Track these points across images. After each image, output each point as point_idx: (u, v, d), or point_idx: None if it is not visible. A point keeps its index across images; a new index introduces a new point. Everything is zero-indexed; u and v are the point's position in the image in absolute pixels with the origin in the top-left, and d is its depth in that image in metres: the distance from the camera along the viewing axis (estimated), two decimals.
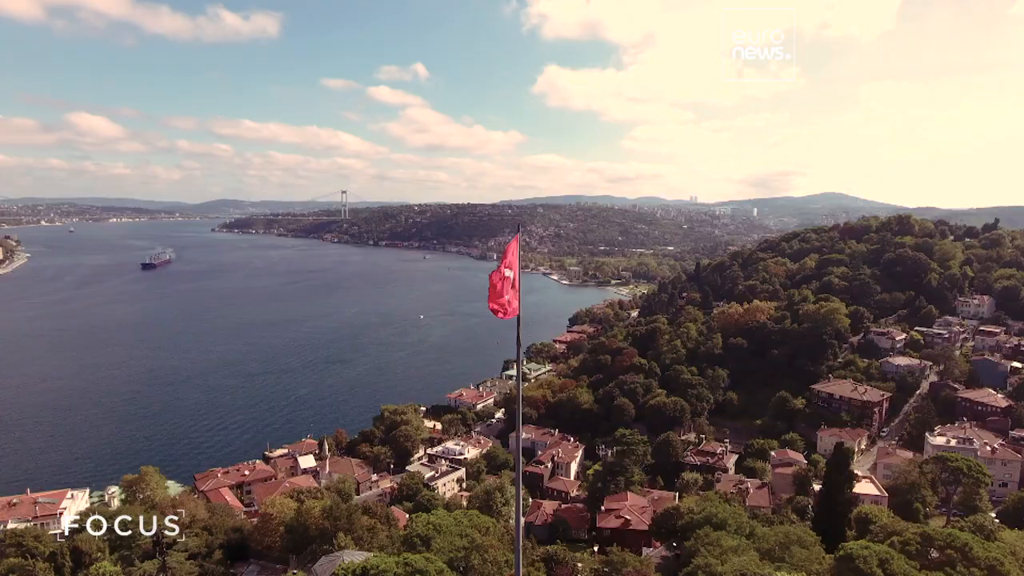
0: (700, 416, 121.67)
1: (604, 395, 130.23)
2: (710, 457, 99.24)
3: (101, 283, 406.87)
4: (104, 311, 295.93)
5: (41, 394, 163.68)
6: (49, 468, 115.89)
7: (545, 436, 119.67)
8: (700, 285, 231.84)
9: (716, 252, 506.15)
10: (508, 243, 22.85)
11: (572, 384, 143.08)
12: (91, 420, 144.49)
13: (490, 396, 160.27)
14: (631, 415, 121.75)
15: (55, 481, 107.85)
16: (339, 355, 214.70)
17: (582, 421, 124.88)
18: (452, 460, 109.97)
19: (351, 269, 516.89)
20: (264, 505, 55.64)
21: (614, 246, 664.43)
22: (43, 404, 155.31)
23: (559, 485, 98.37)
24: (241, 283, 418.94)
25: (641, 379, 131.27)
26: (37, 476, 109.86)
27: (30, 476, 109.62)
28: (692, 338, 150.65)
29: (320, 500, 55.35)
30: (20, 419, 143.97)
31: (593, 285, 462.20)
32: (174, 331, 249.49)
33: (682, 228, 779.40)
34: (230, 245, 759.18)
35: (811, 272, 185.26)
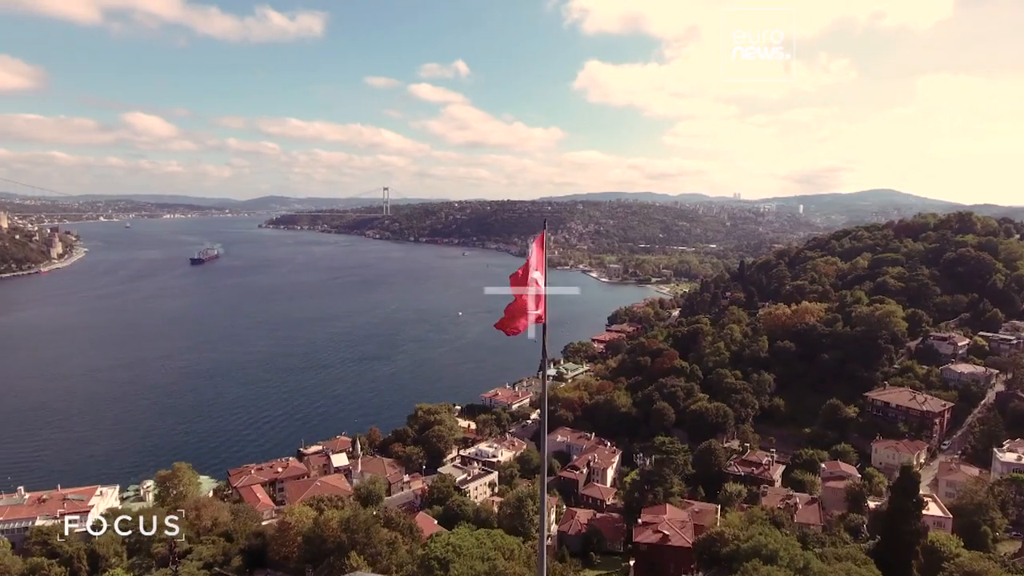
0: (744, 423, 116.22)
1: (643, 398, 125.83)
2: (755, 467, 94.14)
3: (151, 278, 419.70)
4: (152, 305, 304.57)
5: (86, 386, 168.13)
6: (91, 461, 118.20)
7: (581, 440, 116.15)
8: (744, 284, 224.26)
9: (760, 250, 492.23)
10: (534, 243, 20.25)
11: (610, 386, 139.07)
12: (133, 413, 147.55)
13: (526, 396, 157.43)
14: (671, 420, 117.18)
15: (97, 473, 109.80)
16: (376, 352, 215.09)
17: (619, 425, 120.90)
18: (485, 463, 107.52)
19: (391, 265, 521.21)
20: (283, 513, 54.19)
21: (655, 244, 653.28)
22: (88, 396, 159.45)
23: (594, 492, 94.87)
24: (284, 278, 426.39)
25: (682, 382, 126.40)
26: (80, 468, 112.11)
27: (73, 468, 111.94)
28: (736, 340, 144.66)
29: (340, 510, 53.51)
30: (67, 411, 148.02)
31: (633, 283, 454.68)
32: (217, 326, 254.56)
33: (725, 225, 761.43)
34: (275, 241, 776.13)
35: (864, 272, 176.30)
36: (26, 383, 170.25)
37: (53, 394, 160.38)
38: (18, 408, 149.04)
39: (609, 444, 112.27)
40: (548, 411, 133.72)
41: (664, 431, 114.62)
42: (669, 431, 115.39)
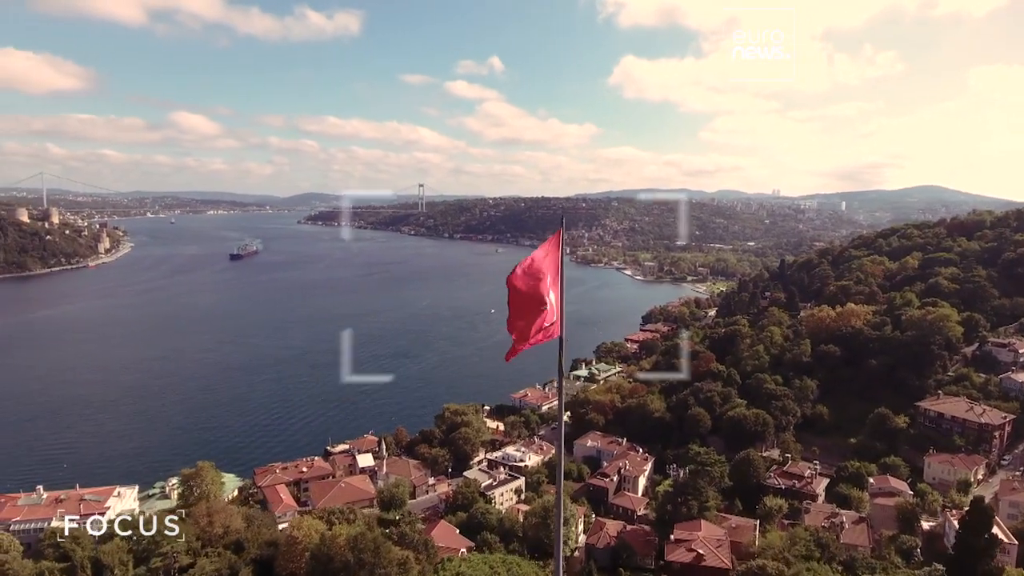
0: (785, 431, 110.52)
1: (677, 403, 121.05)
2: (797, 480, 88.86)
3: (192, 272, 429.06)
4: (191, 300, 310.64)
5: (123, 381, 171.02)
6: (121, 456, 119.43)
7: (612, 445, 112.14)
8: (785, 284, 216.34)
9: (801, 248, 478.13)
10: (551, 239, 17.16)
11: (643, 389, 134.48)
12: (166, 408, 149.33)
13: (556, 397, 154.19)
14: (707, 427, 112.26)
15: (127, 469, 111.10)
16: (407, 349, 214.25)
17: (652, 430, 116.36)
18: (512, 467, 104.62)
19: (425, 262, 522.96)
20: (291, 526, 52.31)
21: (691, 241, 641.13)
22: (124, 391, 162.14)
23: (624, 502, 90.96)
24: (320, 274, 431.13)
25: (719, 387, 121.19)
26: (111, 464, 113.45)
27: (104, 463, 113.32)
28: (777, 343, 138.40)
29: (351, 523, 51.26)
30: (102, 405, 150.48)
31: (668, 281, 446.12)
32: (252, 321, 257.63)
33: (763, 223, 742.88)
34: (313, 237, 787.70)
35: (914, 272, 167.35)
36: (66, 376, 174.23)
37: (90, 388, 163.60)
38: (55, 402, 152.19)
39: (641, 450, 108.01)
40: (578, 414, 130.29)
41: (699, 438, 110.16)
42: (704, 438, 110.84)
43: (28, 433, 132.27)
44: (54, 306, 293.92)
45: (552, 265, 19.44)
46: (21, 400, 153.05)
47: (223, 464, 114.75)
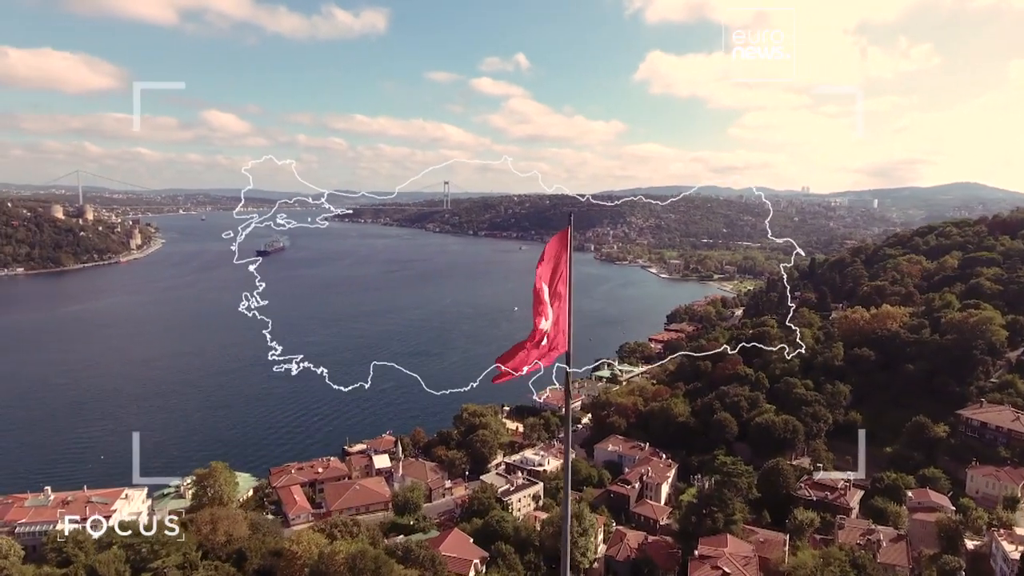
0: (816, 439, 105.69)
1: (702, 407, 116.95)
2: (829, 492, 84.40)
3: (219, 269, 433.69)
4: (216, 296, 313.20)
5: (144, 377, 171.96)
6: (141, 454, 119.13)
7: (634, 450, 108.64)
8: (816, 284, 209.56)
9: (831, 247, 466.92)
10: (554, 240, 14.69)
11: (667, 391, 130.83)
12: (184, 405, 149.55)
13: (577, 399, 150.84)
14: (733, 432, 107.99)
15: (143, 467, 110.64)
16: (428, 347, 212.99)
17: (676, 435, 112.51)
18: (530, 472, 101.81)
19: (449, 259, 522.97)
20: (290, 541, 50.30)
21: (718, 239, 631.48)
22: (144, 387, 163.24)
23: (646, 511, 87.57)
24: (345, 271, 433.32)
25: (746, 391, 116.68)
26: (127, 462, 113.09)
27: (122, 462, 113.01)
28: (807, 345, 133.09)
29: (352, 539, 49.00)
30: (121, 402, 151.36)
31: (694, 279, 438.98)
32: (275, 318, 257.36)
33: (793, 220, 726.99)
34: (340, 234, 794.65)
35: (954, 273, 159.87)
36: (89, 373, 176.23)
37: (112, 384, 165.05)
38: (76, 399, 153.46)
39: (664, 456, 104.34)
40: (599, 417, 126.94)
41: (725, 444, 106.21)
42: (730, 444, 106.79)
43: (47, 429, 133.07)
44: (84, 301, 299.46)
45: (554, 274, 16.74)
46: (43, 396, 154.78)
47: (240, 463, 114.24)
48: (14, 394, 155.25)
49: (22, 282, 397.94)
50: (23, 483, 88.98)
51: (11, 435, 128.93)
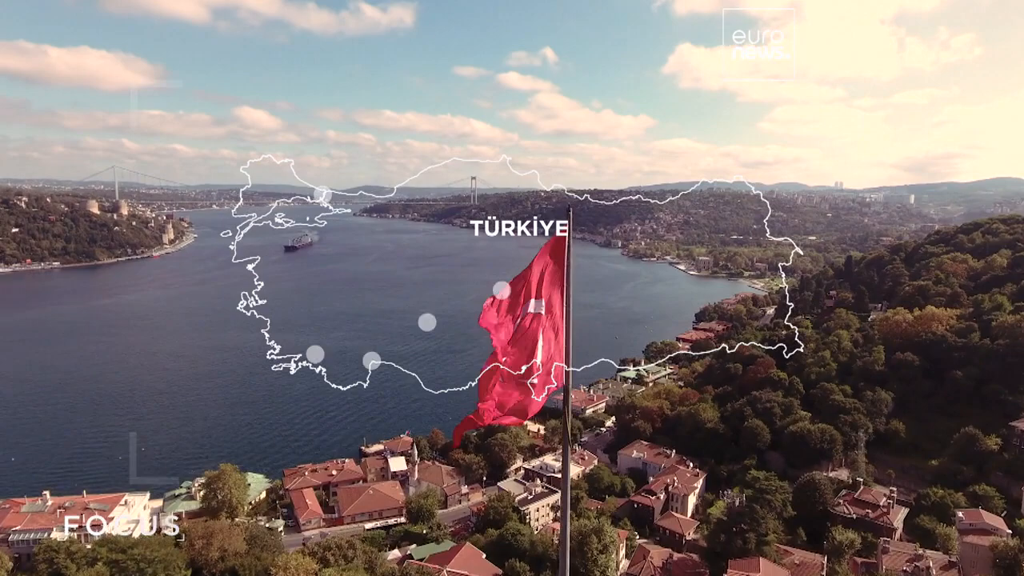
0: (855, 449, 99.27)
1: (732, 413, 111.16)
2: (870, 509, 78.42)
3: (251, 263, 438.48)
4: (241, 292, 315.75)
5: (165, 373, 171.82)
6: (152, 453, 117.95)
7: (659, 457, 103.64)
8: (852, 283, 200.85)
9: (866, 243, 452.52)
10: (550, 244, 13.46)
11: (695, 395, 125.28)
12: (201, 401, 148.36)
13: (601, 400, 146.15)
14: (765, 441, 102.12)
15: (160, 465, 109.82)
16: (450, 345, 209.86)
17: (704, 442, 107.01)
18: (550, 478, 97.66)
19: (474, 254, 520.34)
20: (276, 567, 47.05)
21: (748, 235, 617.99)
22: (165, 383, 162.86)
23: (672, 524, 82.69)
24: (370, 267, 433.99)
25: (779, 397, 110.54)
26: (140, 460, 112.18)
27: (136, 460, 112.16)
28: (845, 349, 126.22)
29: (347, 564, 45.53)
30: (139, 399, 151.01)
31: (724, 277, 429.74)
32: (299, 314, 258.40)
33: (826, 216, 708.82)
34: (368, 229, 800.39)
35: (1004, 272, 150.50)
36: (111, 367, 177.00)
37: (132, 379, 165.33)
38: (95, 396, 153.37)
39: (691, 465, 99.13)
40: (624, 420, 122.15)
41: (756, 453, 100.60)
42: (762, 454, 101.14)
43: (63, 427, 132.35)
44: (114, 295, 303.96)
45: (552, 281, 13.03)
46: (64, 392, 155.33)
47: (254, 463, 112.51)
48: (36, 389, 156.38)
49: (57, 275, 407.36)
50: (35, 484, 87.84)
51: (28, 433, 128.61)
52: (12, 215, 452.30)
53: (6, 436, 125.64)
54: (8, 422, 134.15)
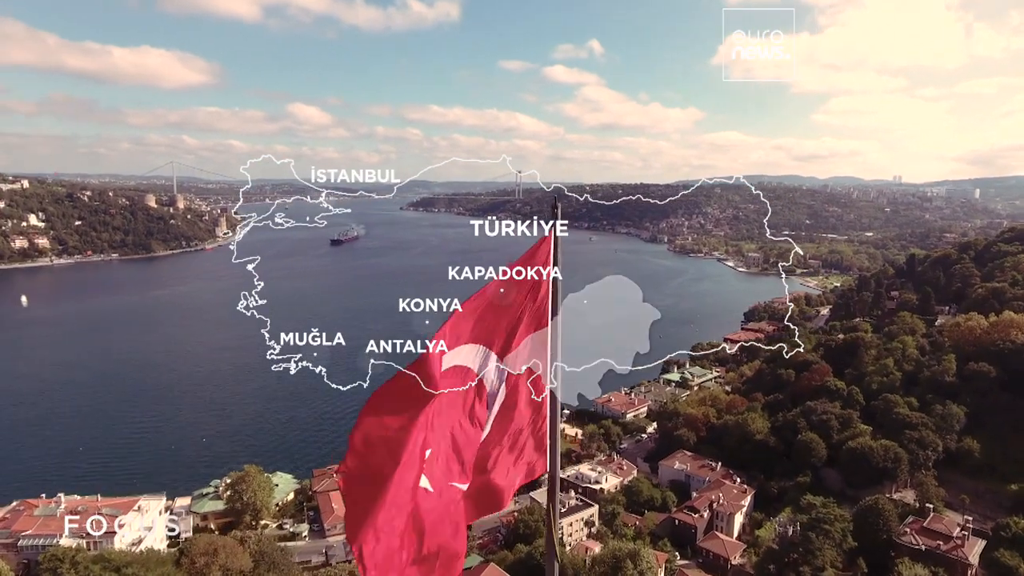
0: (922, 470, 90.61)
1: (784, 424, 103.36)
2: (941, 541, 70.51)
3: (293, 257, 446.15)
4: (286, 285, 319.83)
5: (206, 365, 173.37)
6: (188, 448, 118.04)
7: (703, 470, 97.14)
8: (916, 283, 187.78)
9: (928, 240, 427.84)
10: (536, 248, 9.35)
11: (743, 403, 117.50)
12: (238, 396, 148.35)
13: (643, 404, 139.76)
14: (820, 457, 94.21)
15: (194, 462, 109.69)
16: None
17: (753, 455, 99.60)
18: (585, 489, 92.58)
19: (517, 248, 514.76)
20: None
21: (800, 230, 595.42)
22: (204, 375, 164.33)
23: (716, 546, 76.60)
24: (413, 261, 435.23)
25: (837, 408, 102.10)
26: (175, 457, 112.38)
27: (167, 458, 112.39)
28: (910, 357, 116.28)
29: None
30: (181, 392, 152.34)
31: (774, 274, 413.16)
32: (339, 308, 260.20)
33: (883, 211, 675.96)
34: (413, 223, 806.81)
35: None
36: (158, 359, 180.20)
37: (175, 372, 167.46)
38: (137, 389, 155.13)
39: (739, 480, 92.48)
40: (666, 428, 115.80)
41: (811, 470, 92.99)
42: (817, 470, 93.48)
43: (96, 422, 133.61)
44: (164, 287, 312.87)
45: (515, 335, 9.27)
46: (103, 384, 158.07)
47: (285, 462, 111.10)
48: (81, 381, 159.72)
49: (116, 267, 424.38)
50: (61, 482, 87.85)
51: (63, 428, 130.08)
52: (76, 208, 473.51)
53: (39, 431, 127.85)
54: (44, 416, 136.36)
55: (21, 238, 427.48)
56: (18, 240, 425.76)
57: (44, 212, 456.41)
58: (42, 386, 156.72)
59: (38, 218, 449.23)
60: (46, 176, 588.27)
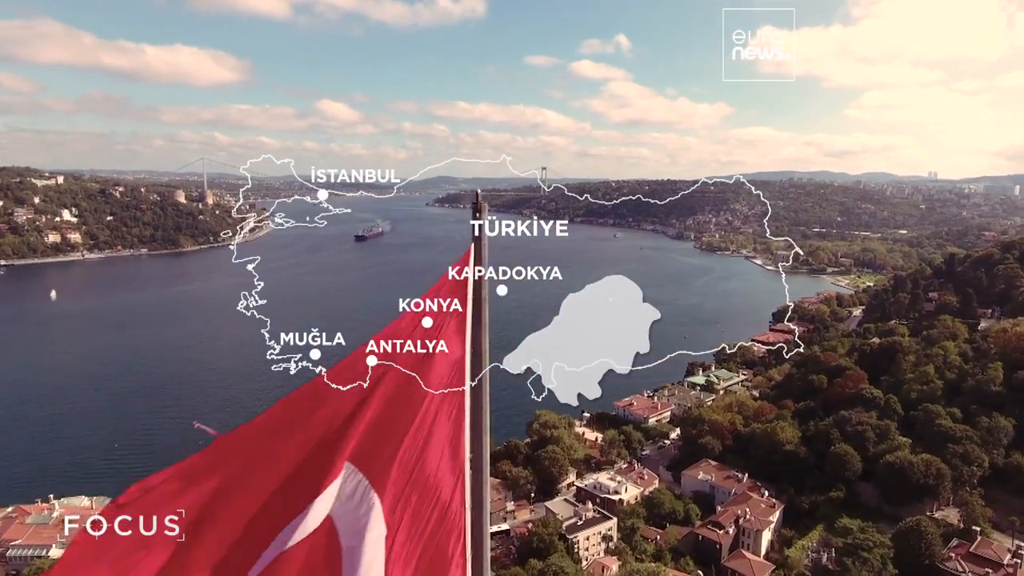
0: (968, 487, 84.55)
1: (816, 434, 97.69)
2: (991, 568, 65.01)
3: (317, 252, 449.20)
4: (308, 280, 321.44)
5: (222, 365, 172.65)
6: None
7: (729, 481, 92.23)
8: (956, 284, 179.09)
9: (966, 239, 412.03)
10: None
11: (771, 410, 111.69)
12: (243, 400, 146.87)
13: (666, 408, 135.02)
14: (855, 470, 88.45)
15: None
16: (507, 341, 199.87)
17: (782, 466, 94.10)
18: (604, 500, 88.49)
19: (540, 245, 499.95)
20: None
21: (831, 228, 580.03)
22: (218, 375, 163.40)
23: (742, 566, 71.96)
24: (436, 257, 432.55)
25: (873, 418, 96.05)
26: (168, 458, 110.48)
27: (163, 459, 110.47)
28: (953, 364, 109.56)
29: None
30: (194, 391, 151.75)
31: (804, 272, 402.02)
32: (356, 305, 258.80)
33: (918, 208, 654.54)
34: (438, 219, 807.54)
35: None
36: (181, 353, 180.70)
37: (191, 369, 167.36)
38: (152, 386, 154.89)
39: (767, 493, 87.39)
40: (690, 434, 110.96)
41: (844, 483, 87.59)
42: (852, 484, 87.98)
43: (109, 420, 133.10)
44: (190, 282, 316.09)
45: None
46: (122, 381, 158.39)
47: None
48: (93, 378, 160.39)
49: (144, 261, 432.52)
50: (65, 484, 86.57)
51: (78, 426, 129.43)
52: (108, 204, 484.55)
53: (54, 428, 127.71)
54: (59, 413, 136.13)
55: (54, 233, 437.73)
56: (51, 235, 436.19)
57: (77, 207, 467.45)
58: (63, 381, 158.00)
59: (71, 213, 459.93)
60: (83, 172, 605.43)
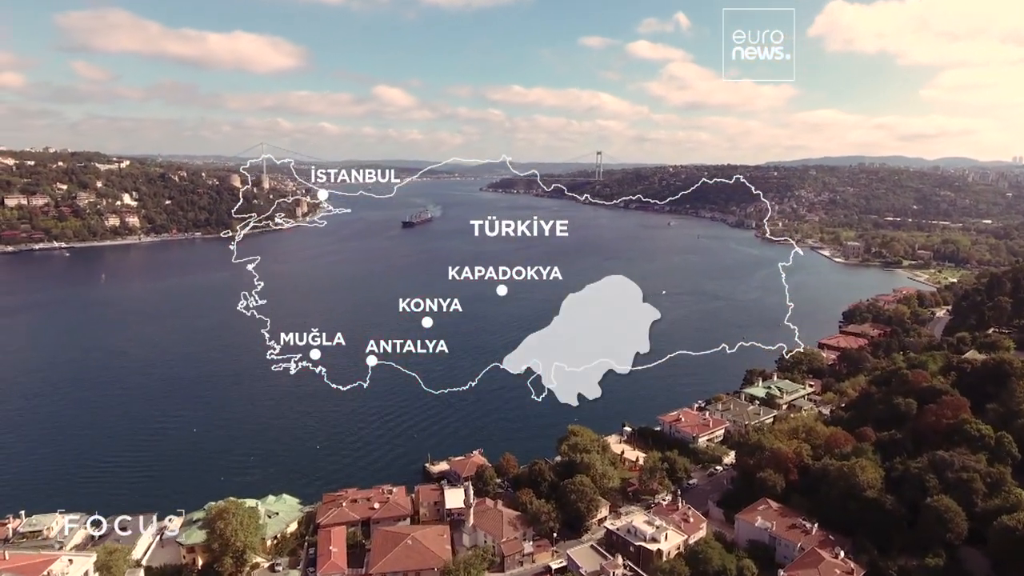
0: None
1: (905, 477, 78.78)
2: None
3: (364, 239, 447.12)
4: (350, 269, 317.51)
5: (244, 359, 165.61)
6: (197, 458, 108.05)
7: (794, 532, 75.61)
8: None
9: None
10: None
11: (847, 440, 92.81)
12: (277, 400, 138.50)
13: (719, 425, 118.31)
14: (959, 532, 69.98)
15: (198, 471, 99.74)
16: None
17: (862, 515, 76.14)
18: (638, 549, 73.79)
19: (592, 232, 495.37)
20: None
21: (907, 217, 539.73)
22: (240, 368, 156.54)
23: None
24: (482, 246, 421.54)
25: (981, 463, 77.06)
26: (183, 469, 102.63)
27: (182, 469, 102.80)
28: None
29: None
30: (217, 389, 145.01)
31: (877, 266, 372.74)
32: (392, 298, 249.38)
33: (1004, 196, 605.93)
34: (491, 205, 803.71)
35: None
36: (193, 349, 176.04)
37: (219, 364, 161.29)
38: (167, 383, 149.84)
39: (841, 551, 70.56)
40: (746, 464, 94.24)
41: (945, 547, 69.71)
42: (954, 549, 69.88)
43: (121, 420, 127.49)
44: (236, 267, 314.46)
45: None
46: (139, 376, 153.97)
47: (296, 481, 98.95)
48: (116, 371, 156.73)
49: (197, 245, 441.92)
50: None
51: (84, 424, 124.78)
52: (167, 188, 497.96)
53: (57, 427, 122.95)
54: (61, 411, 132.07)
55: (114, 216, 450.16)
56: (111, 218, 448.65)
57: (137, 191, 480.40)
58: (84, 374, 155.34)
59: (131, 197, 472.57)
60: (155, 157, 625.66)
